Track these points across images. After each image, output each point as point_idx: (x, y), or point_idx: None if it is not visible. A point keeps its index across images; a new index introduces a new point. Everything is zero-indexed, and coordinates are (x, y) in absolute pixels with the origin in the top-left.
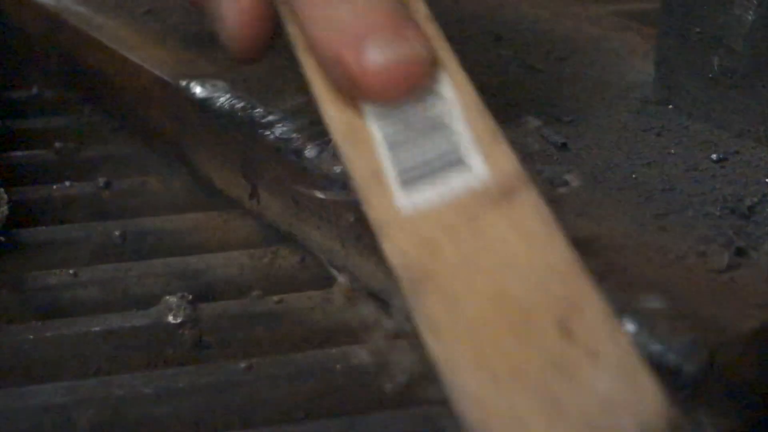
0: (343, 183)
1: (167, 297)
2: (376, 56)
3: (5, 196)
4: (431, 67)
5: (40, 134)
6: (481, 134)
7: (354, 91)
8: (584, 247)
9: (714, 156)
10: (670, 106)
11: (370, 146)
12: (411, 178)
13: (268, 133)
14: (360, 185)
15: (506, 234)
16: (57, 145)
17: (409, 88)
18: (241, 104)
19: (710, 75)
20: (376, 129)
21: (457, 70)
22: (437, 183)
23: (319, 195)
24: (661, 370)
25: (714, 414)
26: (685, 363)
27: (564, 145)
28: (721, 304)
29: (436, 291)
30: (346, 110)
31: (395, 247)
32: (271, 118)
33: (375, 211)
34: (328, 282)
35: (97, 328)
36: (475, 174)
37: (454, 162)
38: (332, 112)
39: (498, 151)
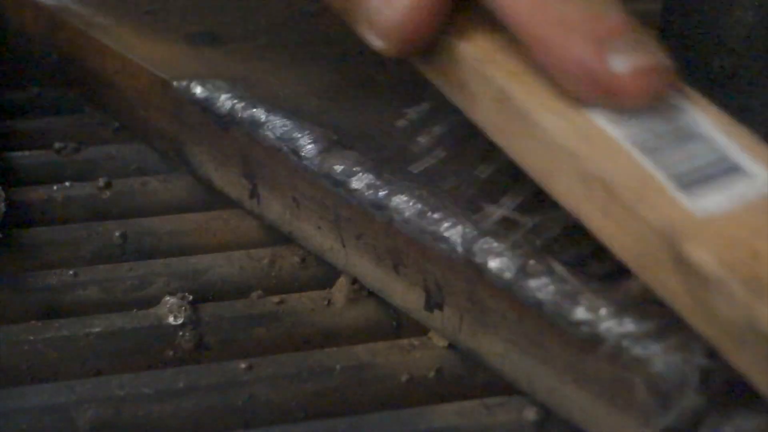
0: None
1: (167, 297)
2: (622, 61)
3: (2, 194)
4: (673, 77)
5: (40, 134)
6: (745, 143)
7: (594, 96)
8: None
9: None
10: None
11: (619, 151)
12: (689, 184)
13: (268, 133)
14: (620, 191)
15: None
16: (57, 145)
17: (653, 95)
18: (241, 104)
19: (711, 76)
20: (618, 134)
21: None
22: (721, 189)
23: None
24: (661, 368)
25: (715, 413)
26: (685, 362)
27: None
28: None
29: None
30: (568, 115)
31: (706, 250)
32: (271, 118)
33: (659, 216)
34: (328, 282)
35: (97, 329)
36: (762, 180)
37: (730, 170)
38: (550, 116)
39: None
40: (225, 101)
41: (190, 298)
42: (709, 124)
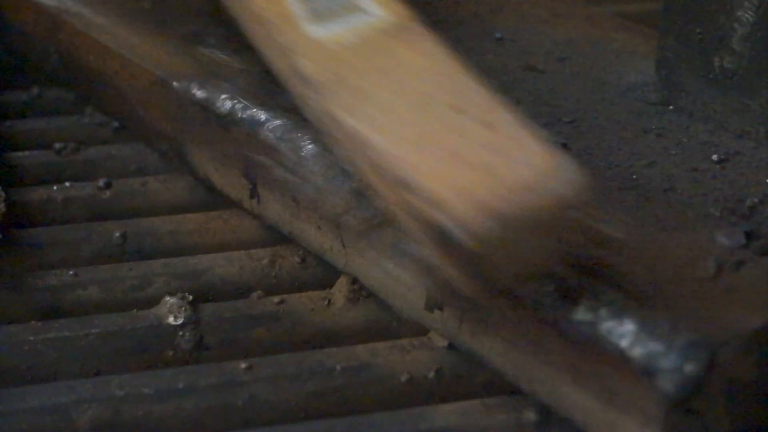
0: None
1: (167, 297)
2: None
3: (2, 194)
4: None
5: (40, 134)
6: None
7: None
8: (585, 247)
9: (714, 156)
10: (671, 107)
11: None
12: (320, 19)
13: (268, 133)
14: (271, 23)
15: (405, 52)
16: (57, 145)
17: None
18: (241, 104)
19: (711, 75)
20: None
21: None
22: (341, 21)
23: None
24: (662, 369)
25: (714, 414)
26: (686, 363)
27: (564, 145)
28: (722, 304)
29: (349, 88)
30: None
31: (308, 60)
32: (271, 118)
33: (287, 37)
34: (328, 282)
35: (97, 329)
36: (373, 15)
37: (352, 8)
38: None
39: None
40: (225, 101)
41: (190, 298)
42: None
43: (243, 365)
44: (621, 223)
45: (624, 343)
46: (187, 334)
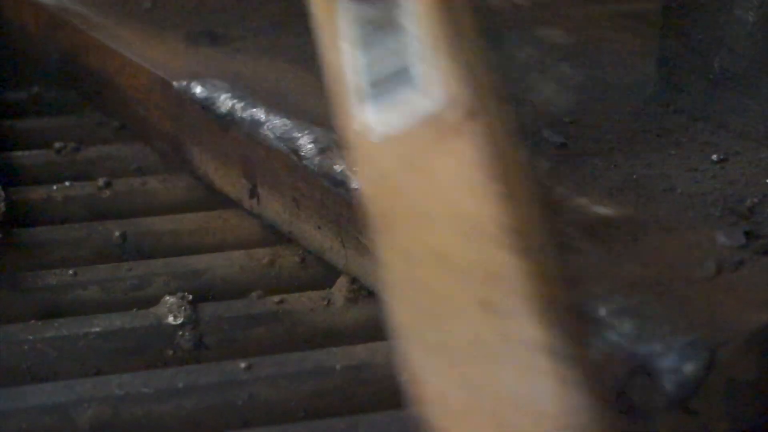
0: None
1: (167, 297)
2: None
3: (2, 194)
4: None
5: (40, 134)
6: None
7: None
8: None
9: (714, 156)
10: (671, 107)
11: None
12: (379, 93)
13: (268, 133)
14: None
15: (449, 173)
16: (57, 145)
17: None
18: (241, 104)
19: (711, 76)
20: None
21: None
22: (400, 103)
23: None
24: (662, 369)
25: (714, 414)
26: (685, 363)
27: (564, 145)
28: (722, 304)
29: (394, 238)
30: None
31: (368, 174)
32: (271, 118)
33: (352, 130)
34: (328, 282)
35: (97, 329)
36: (431, 98)
37: (412, 80)
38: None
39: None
40: (225, 101)
41: (190, 297)
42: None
43: (243, 365)
44: None
45: (624, 342)
46: (187, 333)
